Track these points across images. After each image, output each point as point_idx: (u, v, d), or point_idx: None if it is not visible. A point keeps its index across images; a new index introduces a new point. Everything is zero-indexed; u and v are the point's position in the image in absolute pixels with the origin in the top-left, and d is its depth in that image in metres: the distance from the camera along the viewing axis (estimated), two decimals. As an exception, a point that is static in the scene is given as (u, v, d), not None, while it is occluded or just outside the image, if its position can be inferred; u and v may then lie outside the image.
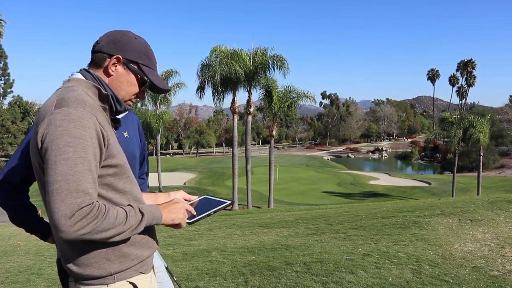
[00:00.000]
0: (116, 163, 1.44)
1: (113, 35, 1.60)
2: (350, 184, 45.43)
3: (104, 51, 1.55)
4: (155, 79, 1.63)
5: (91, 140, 1.33)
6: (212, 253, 6.16)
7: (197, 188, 42.78)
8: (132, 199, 1.52)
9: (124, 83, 1.59)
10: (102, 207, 1.32)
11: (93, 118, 1.35)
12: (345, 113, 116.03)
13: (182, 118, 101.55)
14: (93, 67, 1.58)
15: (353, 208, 12.35)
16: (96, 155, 1.35)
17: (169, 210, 1.57)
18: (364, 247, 5.72)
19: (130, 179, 1.52)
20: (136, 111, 37.82)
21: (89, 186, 1.30)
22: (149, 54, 1.64)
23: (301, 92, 27.33)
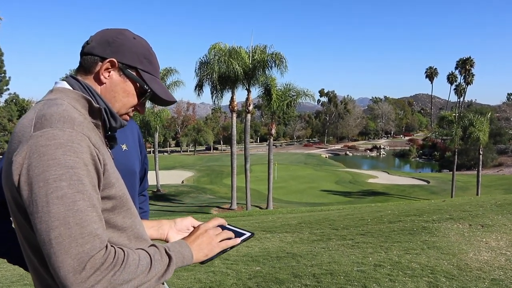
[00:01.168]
0: (114, 194, 1.14)
1: (107, 34, 1.29)
2: (348, 183, 45.26)
3: (95, 53, 1.24)
4: (157, 89, 1.31)
5: (86, 168, 1.04)
6: (214, 263, 5.87)
7: (195, 187, 42.55)
8: (133, 236, 1.21)
9: (120, 93, 1.27)
10: (119, 252, 1.05)
11: (85, 140, 1.06)
12: (343, 110, 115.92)
13: (179, 115, 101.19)
14: (81, 73, 1.27)
15: (356, 210, 12.10)
16: (95, 185, 1.06)
17: (199, 245, 1.28)
18: (375, 257, 5.46)
19: (131, 212, 1.22)
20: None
21: (96, 226, 1.01)
22: (151, 58, 1.33)
23: (300, 90, 27.06)
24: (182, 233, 1.56)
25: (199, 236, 1.31)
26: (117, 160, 1.95)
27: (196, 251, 1.25)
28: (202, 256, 1.27)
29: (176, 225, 1.57)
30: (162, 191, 39.36)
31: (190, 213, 25.33)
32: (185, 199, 36.44)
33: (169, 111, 42.13)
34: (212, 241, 1.30)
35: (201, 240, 1.29)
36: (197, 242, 1.28)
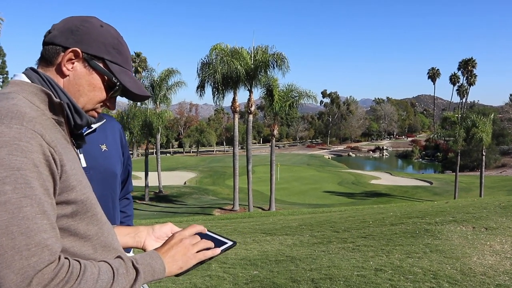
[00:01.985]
0: (75, 198, 1.00)
1: (70, 21, 1.15)
2: (351, 184, 45.04)
3: (57, 42, 1.11)
4: (128, 82, 1.18)
5: (36, 169, 0.90)
6: (212, 266, 5.75)
7: (198, 188, 42.44)
8: (100, 245, 1.08)
9: (85, 87, 1.13)
10: (74, 265, 0.91)
11: (37, 138, 0.93)
12: (346, 111, 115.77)
13: (182, 116, 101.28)
14: (42, 65, 1.14)
15: (358, 212, 11.94)
16: (48, 189, 0.92)
17: (173, 256, 1.14)
18: (376, 260, 5.32)
19: (97, 218, 1.08)
20: (135, 110, 37.59)
21: (46, 235, 0.88)
22: (120, 47, 1.19)
23: (302, 91, 26.92)
24: (161, 240, 1.41)
25: (173, 246, 1.17)
26: (96, 161, 1.83)
27: (169, 264, 1.12)
28: (176, 268, 1.14)
29: (155, 232, 1.41)
30: (164, 192, 39.25)
31: (192, 215, 25.24)
32: (187, 200, 36.33)
33: (171, 112, 41.98)
34: (187, 252, 1.17)
35: (175, 250, 1.16)
36: (171, 253, 1.14)
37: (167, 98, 37.27)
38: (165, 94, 36.86)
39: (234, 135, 28.20)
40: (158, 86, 36.04)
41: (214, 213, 26.77)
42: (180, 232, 1.26)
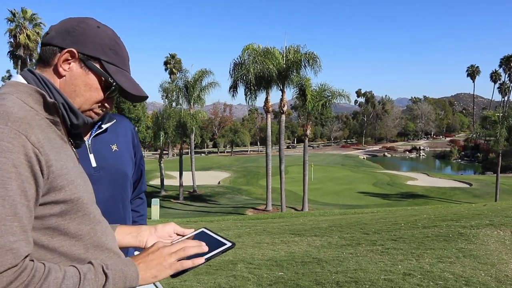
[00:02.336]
0: (63, 198, 1.00)
1: (67, 22, 1.17)
2: (386, 185, 44.19)
3: (54, 43, 1.13)
4: (124, 82, 1.18)
5: (15, 170, 0.90)
6: (237, 266, 5.73)
7: (231, 188, 42.69)
8: (92, 244, 1.08)
9: (81, 87, 1.14)
10: (37, 268, 0.90)
11: (20, 138, 0.92)
12: (381, 111, 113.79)
13: (216, 117, 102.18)
14: (40, 66, 1.15)
15: (390, 214, 11.67)
16: (26, 191, 0.92)
17: (147, 265, 1.11)
18: (405, 264, 5.15)
19: (89, 218, 1.08)
20: (170, 111, 38.18)
21: (13, 238, 0.87)
22: (117, 48, 1.20)
23: (335, 91, 26.65)
24: (163, 240, 1.40)
25: (149, 254, 1.14)
26: (106, 161, 1.82)
27: (143, 271, 1.09)
28: (150, 277, 1.11)
29: (157, 231, 1.40)
30: (198, 192, 39.71)
31: (225, 214, 25.36)
32: (221, 200, 36.60)
33: (205, 112, 42.41)
34: (163, 261, 1.13)
35: (150, 258, 1.13)
36: (146, 262, 1.12)
37: (200, 98, 37.65)
38: (199, 94, 37.25)
39: (267, 135, 28.19)
40: (192, 87, 36.48)
41: (246, 213, 26.84)
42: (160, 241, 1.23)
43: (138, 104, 63.30)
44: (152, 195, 36.08)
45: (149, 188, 43.82)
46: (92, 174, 1.73)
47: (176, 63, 68.38)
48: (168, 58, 69.73)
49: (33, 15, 37.75)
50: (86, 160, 1.73)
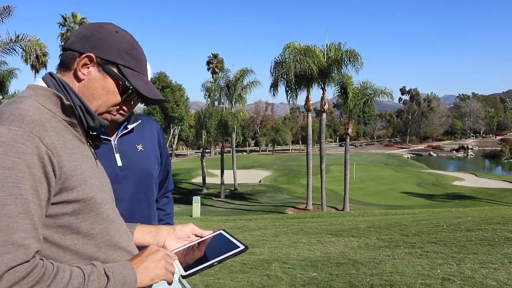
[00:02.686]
0: (76, 197, 1.04)
1: (87, 28, 1.20)
2: (431, 185, 42.85)
3: (74, 48, 1.16)
4: (140, 86, 1.20)
5: (28, 170, 0.94)
6: (272, 265, 5.72)
7: (272, 186, 42.72)
8: (104, 243, 1.11)
9: (99, 90, 1.17)
10: (47, 266, 0.93)
11: (33, 140, 0.97)
12: (427, 109, 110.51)
13: (258, 115, 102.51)
14: (61, 70, 1.19)
15: (433, 215, 11.30)
16: (38, 190, 0.96)
17: (145, 267, 1.13)
18: (444, 269, 4.97)
19: (102, 217, 1.11)
20: (212, 110, 38.63)
21: (24, 235, 0.91)
22: (134, 52, 1.21)
23: (377, 88, 26.09)
24: (181, 240, 1.43)
25: (147, 257, 1.17)
26: (132, 161, 1.86)
27: (141, 274, 1.12)
28: (148, 280, 1.13)
29: (175, 232, 1.43)
30: (239, 190, 40.02)
31: (266, 213, 25.40)
32: (261, 198, 36.72)
33: (246, 111, 42.60)
34: (159, 264, 1.16)
35: (147, 262, 1.15)
36: (144, 265, 1.14)
37: (242, 97, 37.85)
38: (240, 93, 37.46)
39: (308, 134, 28.02)
40: (233, 86, 36.73)
41: (287, 212, 26.77)
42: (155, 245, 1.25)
43: (182, 103, 64.73)
44: (194, 193, 36.70)
45: (191, 186, 44.60)
46: (118, 173, 1.77)
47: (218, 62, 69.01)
48: (210, 58, 70.57)
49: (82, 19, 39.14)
50: (112, 159, 1.77)
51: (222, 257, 1.26)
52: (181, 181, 48.61)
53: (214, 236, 1.43)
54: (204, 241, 1.41)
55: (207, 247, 1.38)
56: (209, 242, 1.41)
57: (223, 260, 1.25)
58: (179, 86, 66.28)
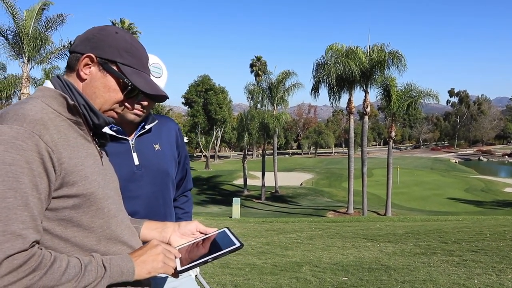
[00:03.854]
0: (76, 192, 1.10)
1: (90, 31, 1.27)
2: (480, 191, 41.04)
3: (77, 50, 1.22)
4: (139, 82, 1.24)
5: (28, 166, 1.01)
6: (302, 268, 5.68)
7: (314, 189, 42.37)
8: (104, 237, 1.17)
9: (100, 88, 1.23)
10: (44, 255, 1.00)
11: (34, 138, 1.03)
12: (477, 112, 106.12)
13: (301, 118, 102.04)
14: (67, 72, 1.26)
15: (477, 223, 10.84)
16: (38, 185, 1.02)
17: (143, 260, 1.19)
18: (482, 279, 4.76)
19: (103, 212, 1.17)
20: (254, 112, 38.80)
21: (22, 226, 0.97)
22: (133, 51, 1.26)
23: (422, 90, 25.32)
24: (186, 237, 1.47)
25: (146, 251, 1.22)
26: (148, 160, 1.92)
27: (138, 267, 1.17)
28: (145, 273, 1.18)
29: (180, 228, 1.47)
30: (280, 192, 39.93)
31: (306, 216, 25.22)
32: (302, 201, 36.49)
33: (288, 114, 42.47)
34: (157, 258, 1.21)
35: (146, 255, 1.21)
36: (142, 258, 1.20)
37: (284, 100, 37.78)
38: (282, 96, 37.41)
39: (350, 137, 27.63)
40: (275, 88, 36.74)
41: (327, 215, 26.48)
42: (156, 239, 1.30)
43: (224, 105, 65.41)
44: (235, 194, 36.98)
45: (232, 188, 44.96)
46: (135, 172, 1.83)
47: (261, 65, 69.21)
48: (254, 61, 70.87)
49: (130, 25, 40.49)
50: (129, 158, 1.83)
51: (216, 254, 1.29)
52: (223, 182, 49.10)
53: (217, 233, 1.46)
54: (208, 238, 1.44)
55: (209, 244, 1.40)
56: (212, 239, 1.43)
57: (218, 257, 1.29)
58: (222, 88, 66.99)
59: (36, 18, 20.31)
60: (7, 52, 20.86)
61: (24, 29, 20.01)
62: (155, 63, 1.87)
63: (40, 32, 20.46)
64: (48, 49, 21.32)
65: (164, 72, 1.93)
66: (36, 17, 20.30)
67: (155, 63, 1.88)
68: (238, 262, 6.36)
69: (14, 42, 20.61)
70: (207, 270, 5.85)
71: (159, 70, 1.90)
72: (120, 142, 1.80)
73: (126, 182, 1.73)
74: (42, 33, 20.48)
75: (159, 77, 1.89)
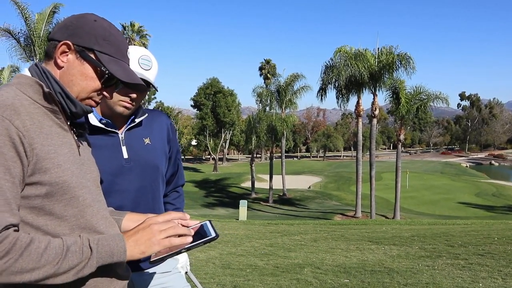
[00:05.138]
0: (49, 180, 1.07)
1: (68, 19, 1.24)
2: (491, 196, 40.57)
3: (55, 38, 1.20)
4: (116, 71, 1.21)
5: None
6: (304, 270, 5.61)
7: (322, 193, 42.21)
8: (78, 226, 1.13)
9: (77, 76, 1.20)
10: (20, 237, 0.97)
11: (3, 122, 1.01)
12: (488, 115, 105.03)
13: (310, 121, 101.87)
14: (45, 60, 1.24)
15: (485, 227, 10.66)
16: (10, 169, 1.00)
17: (136, 240, 1.15)
18: (487, 283, 4.64)
19: (78, 201, 1.14)
20: (262, 115, 38.76)
21: None
22: (111, 38, 1.23)
23: (431, 93, 25.08)
24: None
25: (139, 230, 1.18)
26: (137, 154, 1.88)
27: (131, 247, 1.13)
28: (138, 253, 1.14)
29: None
30: (288, 196, 39.83)
31: (313, 219, 25.09)
32: (310, 204, 36.37)
33: (296, 116, 42.37)
34: (152, 237, 1.16)
35: (140, 235, 1.17)
36: (135, 237, 1.16)
37: (292, 102, 37.73)
38: (290, 98, 37.36)
39: (358, 140, 27.47)
40: (284, 91, 36.70)
41: (335, 219, 26.32)
42: (152, 217, 1.24)
43: (233, 108, 65.54)
44: (242, 197, 36.94)
45: (240, 190, 44.94)
46: (124, 165, 1.79)
47: (270, 68, 69.22)
48: (263, 64, 70.91)
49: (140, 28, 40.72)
50: (118, 152, 1.80)
51: (190, 244, 1.26)
52: (231, 185, 49.12)
53: (198, 226, 1.43)
54: (195, 228, 1.42)
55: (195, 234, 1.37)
56: (198, 229, 1.41)
57: (191, 248, 1.26)
58: (231, 91, 67.15)
59: (47, 21, 20.52)
60: (19, 55, 21.14)
61: (36, 32, 20.24)
62: (144, 55, 1.84)
63: (51, 35, 20.70)
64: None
65: (154, 64, 1.89)
66: (47, 19, 20.52)
67: (144, 55, 1.84)
68: (240, 263, 6.31)
69: (25, 45, 20.86)
70: (208, 270, 5.80)
71: (148, 62, 1.86)
72: (110, 135, 1.76)
73: (114, 176, 1.72)
74: (53, 36, 20.72)
75: (148, 69, 1.85)
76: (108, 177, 1.67)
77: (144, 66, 1.81)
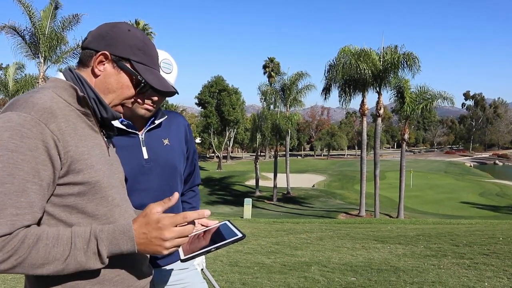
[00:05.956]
0: (82, 180, 1.13)
1: (102, 28, 1.31)
2: (495, 195, 40.46)
3: (90, 47, 1.27)
4: (152, 79, 1.29)
5: (30, 153, 1.04)
6: (311, 268, 5.68)
7: (326, 191, 42.22)
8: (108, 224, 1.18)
9: (113, 85, 1.28)
10: (28, 236, 1.02)
11: (39, 126, 1.06)
12: (492, 115, 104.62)
13: (314, 120, 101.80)
14: (80, 67, 1.31)
15: (490, 227, 10.70)
16: (39, 172, 1.05)
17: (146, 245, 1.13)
18: (493, 282, 4.71)
19: (107, 201, 1.20)
20: (267, 113, 38.77)
21: (16, 211, 1.01)
22: (146, 49, 1.31)
23: (436, 93, 25.04)
24: None
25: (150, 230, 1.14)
26: (157, 154, 1.96)
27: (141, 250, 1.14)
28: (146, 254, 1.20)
29: None
30: (292, 194, 39.88)
31: (317, 218, 25.14)
32: (314, 203, 36.38)
33: (300, 114, 42.36)
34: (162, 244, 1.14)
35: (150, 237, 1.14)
36: (146, 240, 1.14)
37: (297, 101, 37.73)
38: (295, 97, 37.35)
39: (362, 139, 27.44)
40: (288, 90, 36.70)
41: (339, 217, 26.35)
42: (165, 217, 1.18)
43: (237, 106, 65.57)
44: (246, 195, 37.00)
45: (244, 188, 45.00)
46: (144, 165, 1.86)
47: (274, 66, 69.20)
48: (267, 62, 70.87)
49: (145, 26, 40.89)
50: (139, 152, 1.87)
51: (219, 243, 1.31)
52: (235, 183, 49.19)
53: (219, 225, 1.49)
54: (209, 230, 1.47)
55: (211, 236, 1.43)
56: (214, 231, 1.46)
57: (220, 247, 1.31)
58: (235, 89, 67.13)
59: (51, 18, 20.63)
60: (24, 52, 21.26)
61: (41, 29, 20.34)
62: (165, 59, 1.90)
63: (56, 32, 20.78)
64: (64, 48, 21.65)
65: (174, 67, 1.96)
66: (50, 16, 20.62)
67: (166, 59, 1.91)
68: (247, 261, 6.38)
69: (31, 42, 20.95)
70: (216, 268, 5.88)
71: (169, 66, 1.93)
72: (130, 136, 1.83)
73: (135, 175, 1.78)
74: (58, 33, 20.79)
75: (169, 72, 1.92)
76: (129, 177, 1.75)
77: (166, 70, 1.89)
